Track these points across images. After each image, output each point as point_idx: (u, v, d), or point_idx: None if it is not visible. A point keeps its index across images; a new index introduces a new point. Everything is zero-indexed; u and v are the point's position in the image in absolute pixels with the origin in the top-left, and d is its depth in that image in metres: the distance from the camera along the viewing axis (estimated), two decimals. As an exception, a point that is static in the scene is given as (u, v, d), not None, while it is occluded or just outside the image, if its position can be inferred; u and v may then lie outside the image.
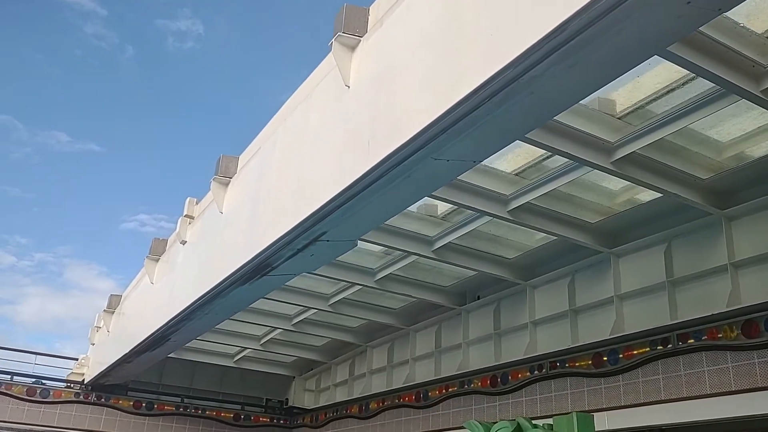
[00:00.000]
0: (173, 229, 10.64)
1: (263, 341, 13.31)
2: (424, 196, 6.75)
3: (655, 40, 3.81)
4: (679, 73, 5.72)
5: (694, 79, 5.65)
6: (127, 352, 11.40)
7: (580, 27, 3.55)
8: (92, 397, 13.95)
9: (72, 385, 14.12)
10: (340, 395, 13.90)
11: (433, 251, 8.78)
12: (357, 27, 5.75)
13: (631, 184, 7.20)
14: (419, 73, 4.82)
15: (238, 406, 15.32)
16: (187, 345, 12.31)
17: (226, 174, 8.35)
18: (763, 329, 6.74)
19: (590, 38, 3.60)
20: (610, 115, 6.33)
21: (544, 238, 8.72)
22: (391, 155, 4.91)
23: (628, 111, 6.28)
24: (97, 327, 14.88)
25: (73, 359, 15.87)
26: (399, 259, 9.53)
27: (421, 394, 11.52)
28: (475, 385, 10.39)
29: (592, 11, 3.42)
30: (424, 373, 11.47)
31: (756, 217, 7.01)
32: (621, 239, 8.32)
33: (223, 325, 11.25)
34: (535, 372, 9.37)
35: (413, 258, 9.26)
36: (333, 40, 5.83)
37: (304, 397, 15.27)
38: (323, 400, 14.52)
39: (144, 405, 14.28)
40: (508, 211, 7.63)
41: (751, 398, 6.59)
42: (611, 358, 8.32)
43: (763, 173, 6.77)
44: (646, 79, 5.96)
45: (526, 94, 4.08)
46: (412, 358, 11.79)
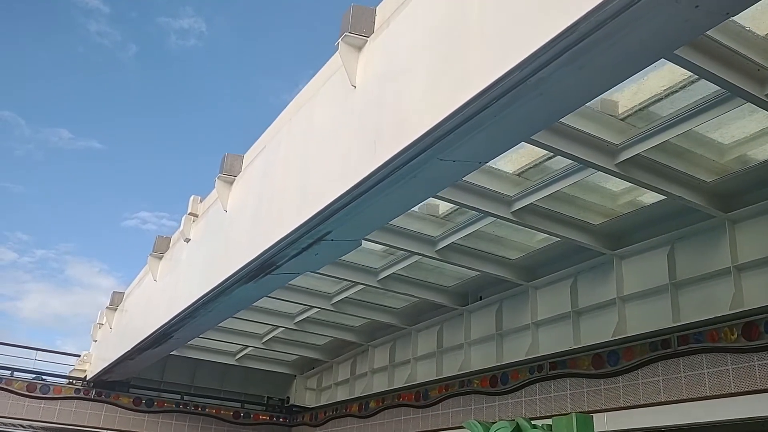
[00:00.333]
0: (174, 227, 10.68)
1: (265, 339, 13.33)
2: (430, 197, 6.77)
3: (663, 43, 3.83)
4: (682, 75, 5.73)
5: (697, 81, 5.65)
6: (129, 349, 11.43)
7: (588, 30, 3.57)
8: (92, 394, 13.98)
9: (74, 382, 14.15)
10: (342, 394, 13.92)
11: (436, 251, 8.80)
12: (364, 27, 5.77)
13: (633, 186, 7.21)
14: (426, 73, 4.84)
15: (238, 404, 15.33)
16: (189, 343, 12.33)
17: (230, 172, 8.37)
18: (763, 331, 6.76)
19: (599, 41, 3.61)
20: (613, 116, 6.34)
21: (547, 239, 8.73)
22: (397, 155, 4.94)
23: (630, 112, 6.29)
24: (100, 324, 14.91)
25: (74, 355, 15.90)
26: (402, 259, 9.55)
27: (420, 394, 11.54)
28: (475, 385, 10.41)
29: (600, 14, 3.44)
30: (425, 373, 11.49)
31: (759, 220, 7.01)
32: (624, 241, 8.33)
33: (225, 323, 11.28)
34: (535, 372, 9.38)
35: (416, 258, 9.27)
36: (340, 40, 5.84)
37: (305, 395, 15.29)
38: (324, 399, 14.54)
39: (144, 402, 14.30)
40: (512, 212, 7.64)
41: (751, 400, 6.60)
42: (611, 360, 8.33)
43: (767, 176, 6.78)
44: (649, 81, 5.97)
45: (534, 95, 4.10)
46: (414, 357, 11.80)
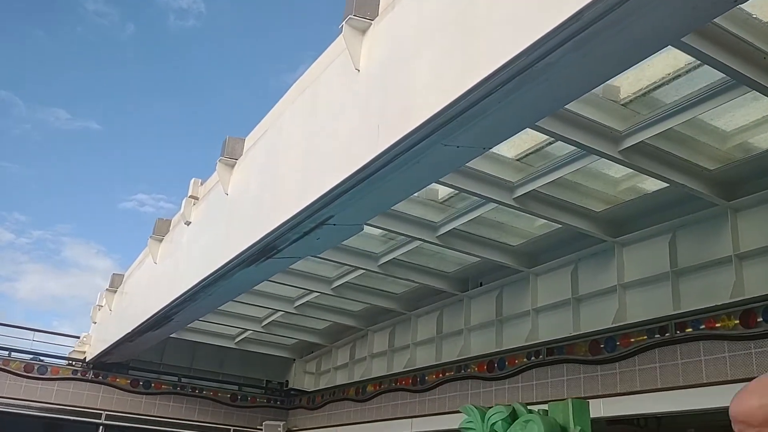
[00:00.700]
0: (172, 210, 10.67)
1: (265, 323, 13.37)
2: (433, 182, 6.76)
3: (669, 30, 3.80)
4: (684, 61, 5.66)
5: (700, 66, 5.59)
6: (129, 331, 11.46)
7: (595, 16, 3.54)
8: (90, 375, 13.99)
9: (74, 363, 14.21)
10: (341, 378, 13.99)
11: (437, 237, 8.79)
12: (368, 10, 5.71)
13: (633, 172, 7.18)
14: (431, 58, 4.81)
15: (235, 387, 15.39)
16: (189, 325, 12.36)
17: (232, 155, 8.34)
18: (762, 319, 6.75)
19: (605, 27, 3.58)
20: (615, 102, 6.30)
21: (548, 225, 8.71)
22: (402, 140, 4.91)
23: (632, 98, 6.23)
24: (99, 306, 14.94)
25: (71, 336, 15.94)
26: (403, 244, 9.55)
27: (417, 378, 11.58)
28: (472, 370, 10.44)
29: (608, 1, 3.41)
30: (424, 358, 11.54)
31: (762, 208, 7.00)
32: (626, 228, 8.33)
33: (225, 306, 11.30)
34: (532, 358, 9.40)
35: (417, 243, 9.27)
36: (344, 23, 5.79)
37: (304, 379, 15.37)
38: (323, 383, 14.62)
39: (142, 383, 14.33)
40: (514, 198, 7.63)
41: None
42: (608, 346, 8.34)
43: (771, 165, 6.77)
44: (651, 67, 5.90)
45: (540, 81, 4.07)
46: (413, 343, 11.84)
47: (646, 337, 7.86)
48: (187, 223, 9.76)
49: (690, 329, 7.40)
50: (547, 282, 9.45)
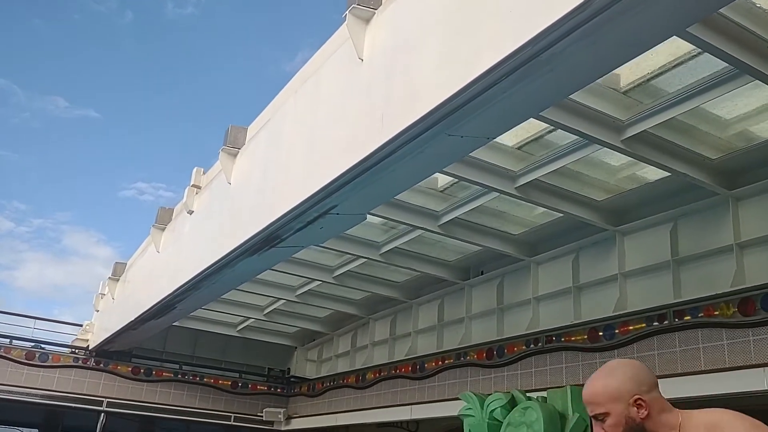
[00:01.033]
0: (172, 198, 10.70)
1: (266, 311, 13.43)
2: (436, 172, 6.78)
3: (677, 19, 3.80)
4: (684, 49, 5.64)
5: (700, 55, 5.58)
6: (132, 319, 11.50)
7: (603, 5, 3.54)
8: (91, 362, 14.03)
9: (76, 351, 14.27)
10: (342, 366, 14.06)
11: (439, 226, 8.82)
12: (371, -1, 5.71)
13: (632, 160, 7.18)
14: (436, 47, 4.81)
15: (236, 374, 15.47)
16: (191, 314, 12.41)
17: (234, 144, 8.34)
18: (760, 307, 6.75)
19: (612, 17, 3.59)
20: (615, 90, 6.28)
21: (550, 214, 8.73)
22: (406, 130, 4.92)
23: (632, 86, 6.22)
24: (102, 294, 14.99)
25: (72, 324, 16.01)
26: (404, 233, 9.58)
27: (417, 366, 11.63)
28: (472, 358, 10.49)
29: (615, -10, 3.42)
30: (425, 346, 11.60)
31: (763, 198, 7.02)
32: (627, 217, 8.35)
33: (227, 294, 11.34)
34: (531, 346, 9.41)
35: (419, 232, 9.30)
36: (347, 12, 5.78)
37: (306, 367, 15.46)
38: (325, 371, 14.70)
39: (143, 371, 14.37)
40: (516, 188, 7.64)
41: (745, 375, 6.64)
42: (607, 334, 8.35)
43: (773, 154, 6.78)
44: (651, 55, 5.86)
45: (545, 71, 4.08)
46: (415, 331, 11.91)
47: (644, 325, 7.86)
48: (190, 212, 9.78)
49: (688, 317, 7.40)
50: (548, 271, 9.49)
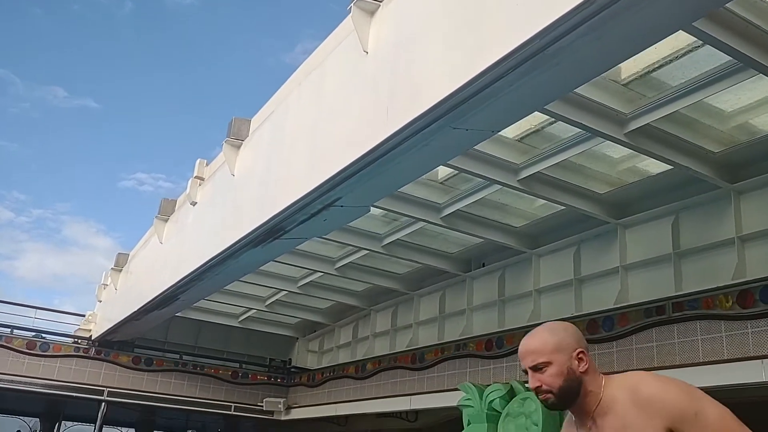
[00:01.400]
0: (171, 189, 10.72)
1: (268, 302, 13.48)
2: (441, 164, 6.80)
3: (683, 13, 3.82)
4: (684, 42, 5.63)
5: (700, 47, 5.58)
6: (135, 309, 11.56)
7: (609, 0, 3.55)
8: (92, 352, 14.11)
9: (78, 341, 14.34)
10: (343, 357, 14.13)
11: (441, 218, 8.84)
12: (377, -8, 5.70)
13: (633, 153, 7.18)
14: (441, 40, 4.82)
15: (236, 364, 15.54)
16: (193, 304, 12.47)
17: (238, 136, 8.36)
18: (758, 299, 6.78)
19: (619, 11, 3.60)
20: (615, 82, 6.27)
21: (551, 207, 8.75)
22: (411, 123, 4.94)
23: (633, 78, 6.21)
24: (104, 285, 15.05)
25: (73, 314, 16.10)
26: (406, 225, 9.60)
27: (416, 357, 11.68)
28: (471, 349, 10.52)
29: (622, -16, 3.43)
30: (427, 338, 11.65)
31: (765, 191, 7.05)
32: (629, 210, 8.37)
33: (229, 285, 11.35)
34: (530, 337, 9.43)
35: (421, 224, 9.32)
36: (352, 4, 5.79)
37: (307, 357, 15.53)
38: (326, 362, 14.77)
39: (143, 361, 14.44)
40: (518, 180, 7.66)
41: (743, 367, 6.68)
42: (606, 325, 8.38)
43: (776, 148, 6.80)
44: (652, 47, 5.85)
45: (551, 65, 4.09)
46: (416, 322, 11.95)
47: (643, 317, 7.89)
48: (193, 204, 9.81)
49: (687, 309, 7.42)
50: (549, 263, 9.52)
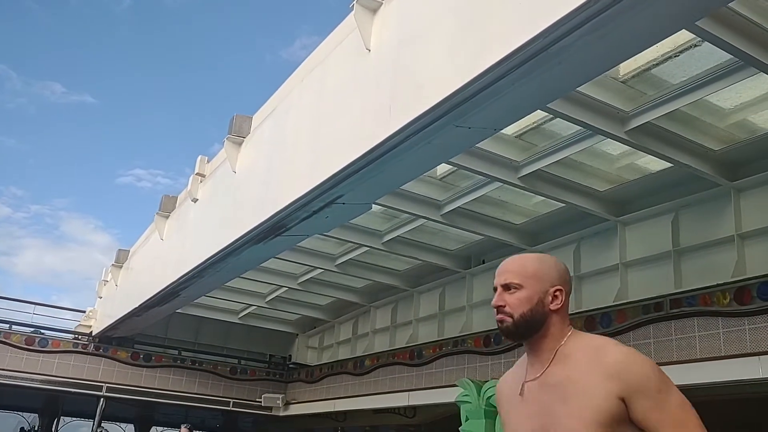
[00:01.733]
0: (169, 185, 10.70)
1: (269, 299, 13.51)
2: (443, 162, 6.82)
3: (685, 13, 3.84)
4: (682, 39, 5.64)
5: (699, 44, 5.59)
6: (136, 306, 11.58)
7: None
8: (90, 348, 14.13)
9: (79, 337, 14.36)
10: (343, 353, 14.16)
11: (441, 215, 8.86)
12: (379, -11, 5.72)
13: (631, 149, 7.19)
14: (445, 39, 4.83)
15: (235, 360, 15.56)
16: (194, 301, 12.48)
17: (239, 134, 8.37)
18: (756, 296, 6.80)
19: (623, 10, 3.62)
20: (614, 79, 6.27)
21: (552, 204, 8.76)
22: (414, 121, 4.96)
23: (632, 75, 6.22)
24: (105, 281, 15.06)
25: (71, 310, 16.13)
26: (406, 222, 9.62)
27: (415, 353, 11.69)
28: (469, 345, 10.54)
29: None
30: (426, 335, 11.68)
31: (765, 189, 7.07)
32: (629, 208, 8.40)
33: (230, 282, 11.37)
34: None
35: (421, 221, 9.34)
36: (354, 2, 5.80)
37: (307, 354, 15.56)
38: (326, 358, 14.80)
39: (142, 356, 14.48)
40: (519, 178, 7.68)
41: (740, 363, 6.70)
42: (603, 322, 8.39)
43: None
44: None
45: (554, 64, 4.12)
46: (416, 319, 11.98)
47: (641, 314, 7.90)
48: (194, 201, 9.82)
49: (685, 306, 7.43)
50: (549, 260, 9.52)
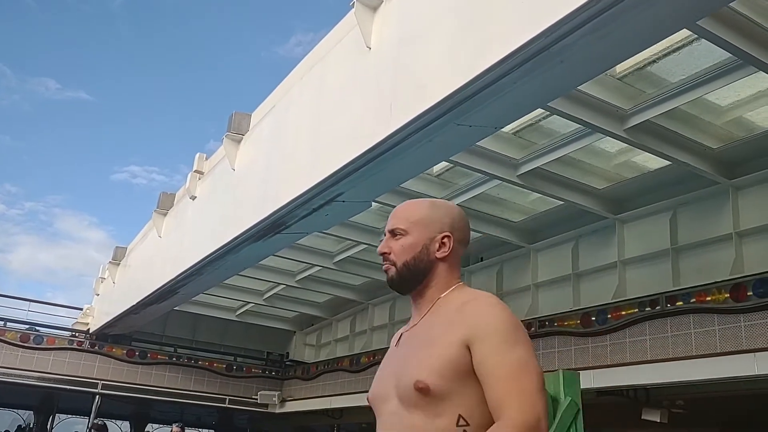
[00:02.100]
0: (164, 181, 10.67)
1: (266, 296, 13.50)
2: (443, 160, 6.83)
3: (688, 12, 3.85)
4: (679, 36, 5.63)
5: (695, 41, 5.60)
6: (134, 303, 11.57)
7: (615, -1, 3.58)
8: (86, 345, 14.10)
9: (76, 334, 14.33)
10: (341, 350, 14.17)
11: (440, 213, 8.83)
12: (380, -13, 5.71)
13: (628, 147, 7.21)
14: (446, 37, 4.83)
15: (231, 357, 15.54)
16: (192, 298, 12.46)
17: (238, 131, 8.35)
18: (751, 293, 6.82)
19: (626, 9, 3.63)
20: (611, 76, 6.27)
21: (550, 202, 8.78)
22: (415, 120, 4.96)
23: (628, 72, 6.23)
24: (102, 278, 15.03)
25: (67, 307, 16.11)
26: (405, 220, 9.59)
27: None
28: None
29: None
30: (424, 331, 11.66)
31: (762, 187, 7.11)
32: (627, 206, 8.43)
33: (228, 279, 11.38)
34: (524, 330, 9.42)
35: (420, 219, 9.30)
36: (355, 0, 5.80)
37: (305, 351, 15.56)
38: (324, 355, 14.81)
39: (138, 354, 14.44)
40: (518, 176, 7.70)
41: (736, 360, 6.72)
42: (599, 319, 8.42)
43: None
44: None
45: (555, 63, 4.12)
46: (414, 316, 11.96)
47: (637, 311, 7.92)
48: (193, 198, 9.81)
49: (680, 302, 7.45)
50: (547, 258, 9.57)
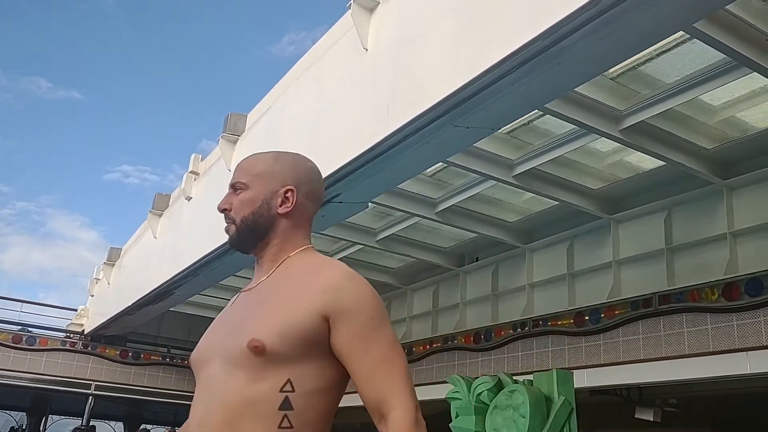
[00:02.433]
0: (157, 181, 10.67)
1: (261, 297, 13.44)
2: (440, 161, 6.84)
3: (687, 13, 3.87)
4: (674, 36, 5.63)
5: (689, 40, 5.63)
6: (129, 304, 11.53)
7: (613, 1, 3.60)
8: (79, 346, 14.06)
9: (71, 336, 14.27)
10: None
11: (436, 213, 8.88)
12: (377, -12, 5.72)
13: (621, 146, 7.23)
14: (444, 39, 4.85)
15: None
16: (187, 299, 12.43)
17: (234, 132, 8.35)
18: (744, 292, 6.86)
19: (624, 11, 3.65)
20: (604, 76, 6.25)
21: (545, 202, 8.81)
22: (412, 121, 4.97)
23: (620, 72, 6.24)
24: (96, 279, 14.99)
25: (59, 308, 16.03)
26: (401, 220, 9.63)
27: (405, 349, 11.57)
28: (459, 342, 10.56)
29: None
30: (420, 332, 11.71)
31: (757, 187, 7.16)
32: (622, 206, 8.47)
33: (224, 280, 11.34)
34: (518, 330, 9.50)
35: (415, 219, 9.35)
36: (351, 1, 5.81)
37: (300, 351, 15.51)
38: (319, 355, 14.76)
39: (131, 354, 14.41)
40: (514, 176, 7.72)
41: (728, 359, 6.77)
42: (593, 318, 8.46)
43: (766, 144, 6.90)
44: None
45: (554, 64, 4.14)
46: (409, 316, 12.01)
47: (630, 310, 7.97)
48: (188, 199, 9.79)
49: (673, 302, 7.50)
50: (542, 258, 9.61)
